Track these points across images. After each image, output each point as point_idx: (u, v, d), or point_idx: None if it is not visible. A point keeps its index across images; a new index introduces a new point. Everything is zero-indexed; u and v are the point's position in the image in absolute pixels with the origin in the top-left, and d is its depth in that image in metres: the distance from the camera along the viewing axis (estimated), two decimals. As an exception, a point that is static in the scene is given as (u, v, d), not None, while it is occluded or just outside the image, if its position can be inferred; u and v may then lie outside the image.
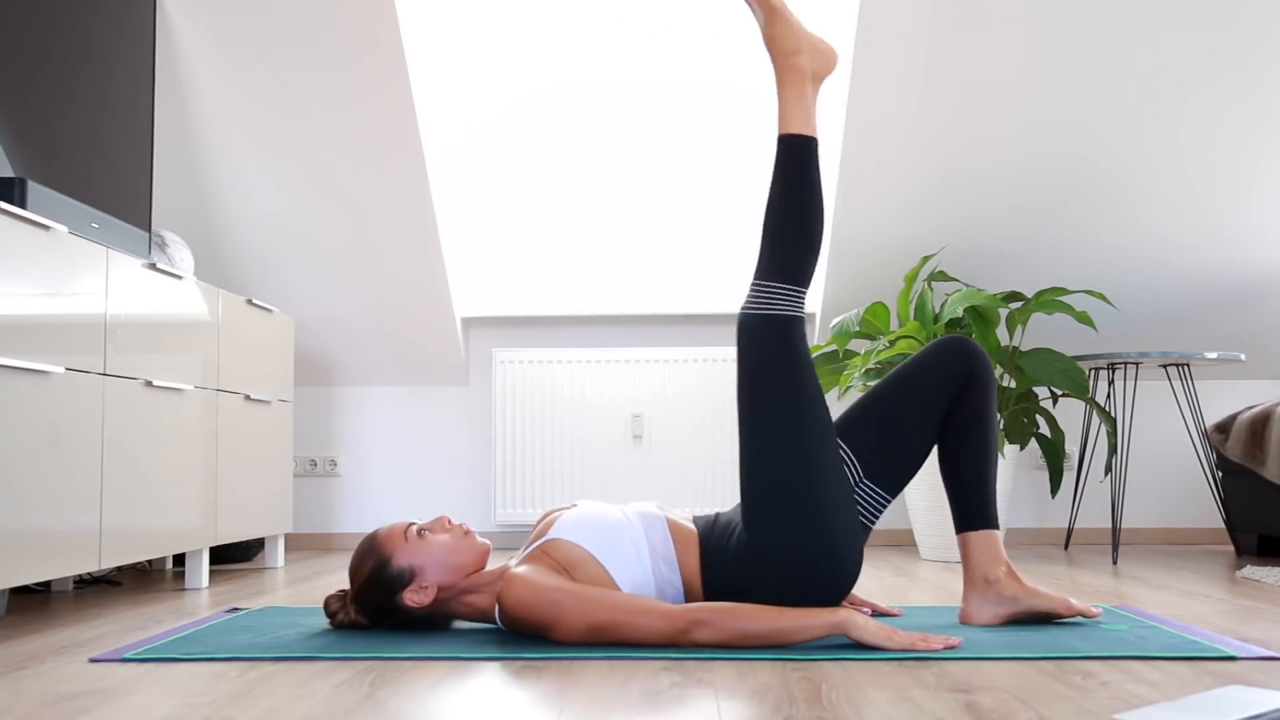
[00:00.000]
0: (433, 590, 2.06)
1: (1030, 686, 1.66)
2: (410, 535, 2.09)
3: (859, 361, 3.71)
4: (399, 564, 2.07)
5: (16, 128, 2.50)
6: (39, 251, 2.33)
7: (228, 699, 1.62)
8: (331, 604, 2.18)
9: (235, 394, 3.31)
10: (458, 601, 2.09)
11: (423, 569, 2.06)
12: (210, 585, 3.18)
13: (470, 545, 2.10)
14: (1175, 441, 4.45)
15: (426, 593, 2.06)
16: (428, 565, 2.06)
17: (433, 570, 2.06)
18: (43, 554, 2.32)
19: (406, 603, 2.06)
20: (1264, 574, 3.07)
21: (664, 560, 2.07)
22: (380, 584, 2.08)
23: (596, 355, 4.26)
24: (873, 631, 1.89)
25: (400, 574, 2.06)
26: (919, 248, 4.12)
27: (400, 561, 2.07)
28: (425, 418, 4.43)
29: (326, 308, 4.28)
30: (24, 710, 1.57)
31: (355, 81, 3.72)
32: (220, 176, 3.99)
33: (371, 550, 2.10)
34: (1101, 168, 3.89)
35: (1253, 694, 1.48)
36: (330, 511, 4.45)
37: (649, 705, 1.55)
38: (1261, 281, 4.20)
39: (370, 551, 2.10)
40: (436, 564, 2.06)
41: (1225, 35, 3.55)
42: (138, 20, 3.06)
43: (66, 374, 2.41)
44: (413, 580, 2.06)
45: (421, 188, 3.95)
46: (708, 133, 4.22)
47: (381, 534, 2.11)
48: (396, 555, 2.07)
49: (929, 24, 3.55)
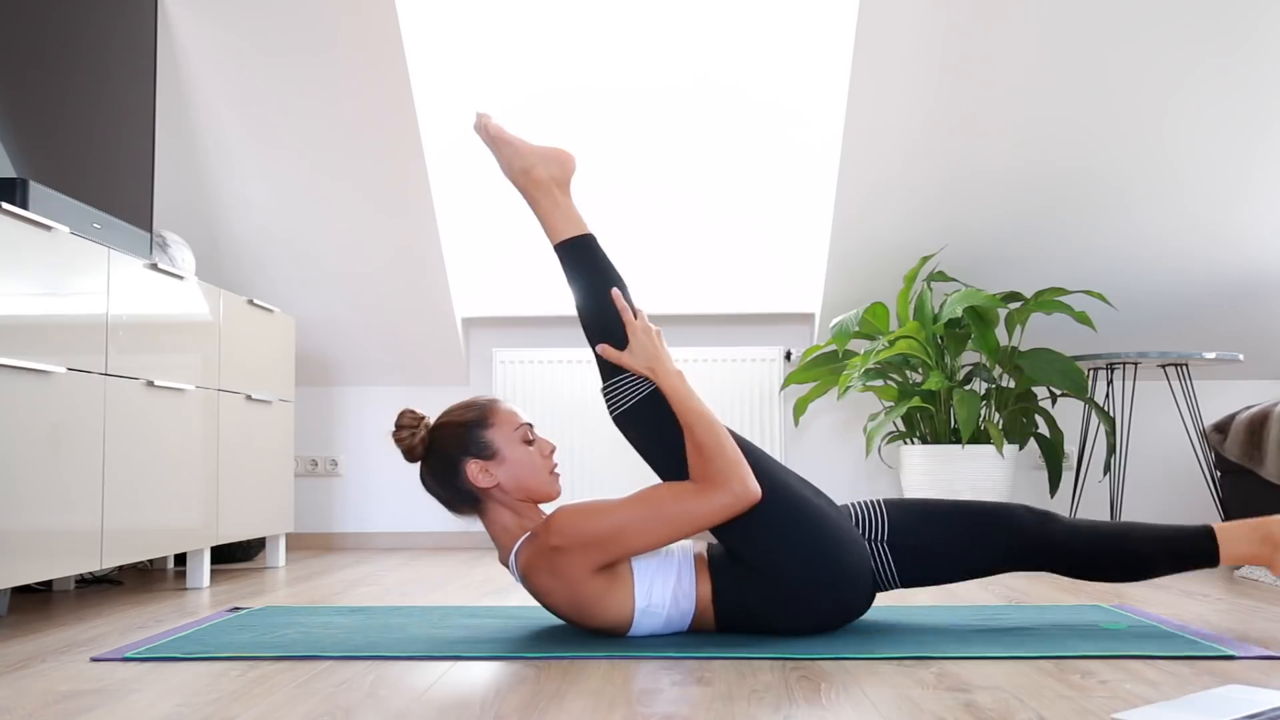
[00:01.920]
0: (494, 481, 2.05)
1: (1029, 686, 1.66)
2: (520, 430, 2.09)
3: (858, 362, 3.71)
4: (492, 437, 2.07)
5: (17, 128, 2.50)
6: (40, 252, 2.33)
7: (228, 698, 1.63)
8: (406, 417, 2.11)
9: (236, 394, 3.32)
10: (498, 507, 2.08)
11: (505, 460, 2.06)
12: (211, 585, 3.19)
13: (549, 481, 2.10)
14: (1174, 441, 4.45)
15: (489, 478, 2.05)
16: (510, 461, 2.06)
17: (509, 469, 2.06)
18: (44, 553, 2.32)
19: (467, 470, 2.05)
20: (1262, 573, 3.08)
21: (684, 595, 2.07)
22: (464, 438, 2.07)
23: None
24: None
25: (486, 445, 2.06)
26: (918, 248, 4.13)
27: (495, 437, 2.07)
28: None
29: (327, 308, 4.28)
30: (25, 709, 1.57)
31: (356, 81, 3.73)
32: (221, 177, 4.00)
33: (481, 408, 2.10)
34: (1099, 169, 3.89)
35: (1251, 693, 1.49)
36: (331, 511, 4.45)
37: (649, 705, 1.55)
38: (1259, 281, 4.20)
39: (480, 408, 2.10)
40: (516, 468, 2.07)
41: (1218, 38, 3.56)
42: (139, 20, 3.06)
43: (68, 374, 2.42)
44: (490, 459, 2.06)
45: (422, 188, 3.95)
46: (707, 133, 4.22)
47: (500, 405, 2.12)
48: (497, 430, 2.08)
49: (928, 26, 3.56)
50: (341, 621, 2.35)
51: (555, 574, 1.99)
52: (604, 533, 1.96)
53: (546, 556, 1.99)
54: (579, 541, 1.96)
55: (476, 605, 2.61)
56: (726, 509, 1.99)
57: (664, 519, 1.98)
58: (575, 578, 1.99)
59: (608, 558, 1.98)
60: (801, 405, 3.90)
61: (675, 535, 2.00)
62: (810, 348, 3.99)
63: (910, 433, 3.86)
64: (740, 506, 2.00)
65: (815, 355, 3.96)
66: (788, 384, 4.05)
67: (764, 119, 4.19)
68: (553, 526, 1.98)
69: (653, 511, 1.98)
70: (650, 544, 1.99)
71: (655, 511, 1.98)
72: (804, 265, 4.37)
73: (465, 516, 2.14)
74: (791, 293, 4.42)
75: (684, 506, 1.99)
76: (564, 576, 1.99)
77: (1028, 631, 2.13)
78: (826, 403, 4.40)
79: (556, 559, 1.98)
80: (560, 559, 1.98)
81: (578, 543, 1.96)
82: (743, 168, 4.27)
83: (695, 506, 1.99)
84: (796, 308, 4.41)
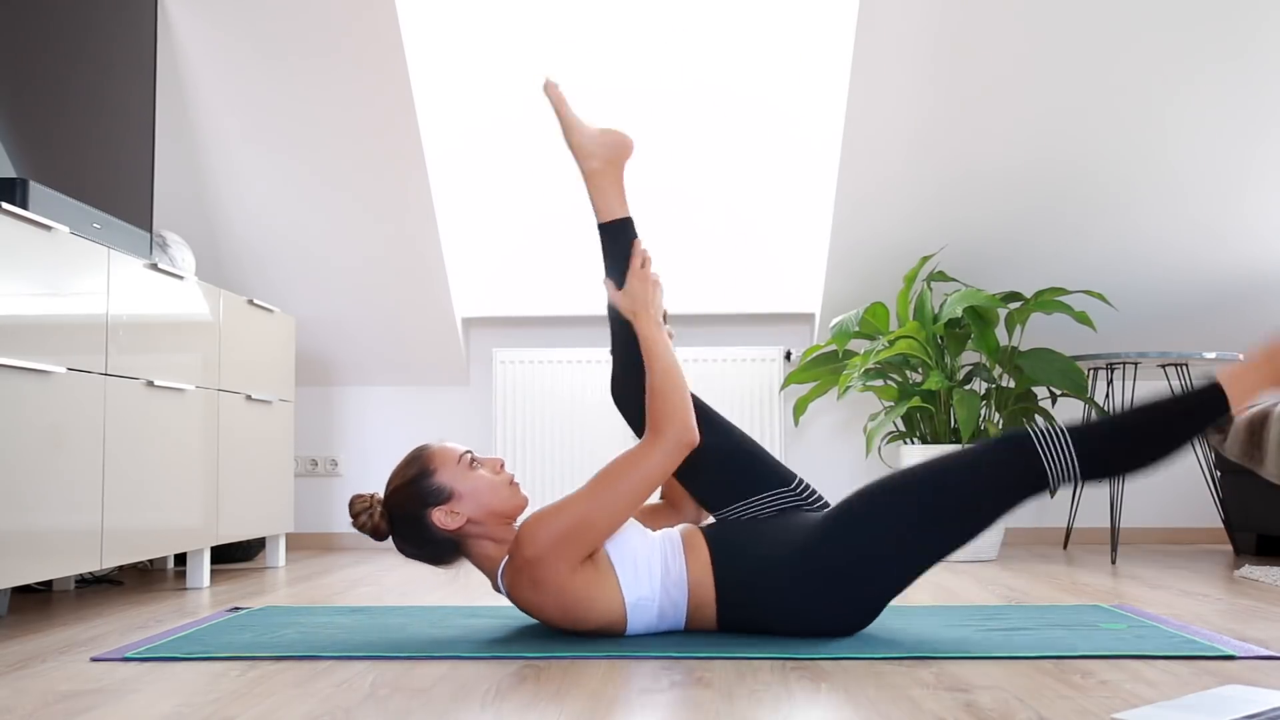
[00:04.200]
0: (462, 519, 2.05)
1: (1029, 686, 1.66)
2: (463, 460, 2.09)
3: (858, 361, 3.72)
4: (441, 481, 2.06)
5: (17, 128, 2.50)
6: (40, 252, 2.33)
7: (228, 698, 1.63)
8: (358, 504, 2.11)
9: (236, 394, 3.32)
10: (476, 541, 2.08)
11: (461, 495, 2.06)
12: (211, 585, 3.19)
13: (512, 494, 2.10)
14: (1174, 441, 4.45)
15: (456, 518, 2.05)
16: (467, 494, 2.06)
17: (470, 501, 2.06)
18: (44, 553, 2.32)
19: (433, 520, 2.05)
20: (1262, 573, 3.08)
21: (674, 584, 2.07)
22: (417, 493, 2.06)
23: (596, 355, 4.27)
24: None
25: (440, 490, 2.06)
26: (918, 248, 4.13)
27: (444, 479, 2.06)
28: (425, 418, 4.43)
29: (327, 308, 4.28)
30: (25, 709, 1.57)
31: (356, 81, 3.73)
32: (221, 176, 4.00)
33: (420, 460, 2.09)
34: (1099, 169, 3.89)
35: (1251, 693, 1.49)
36: (331, 511, 4.45)
37: (649, 705, 1.55)
38: (1259, 281, 4.20)
39: (418, 460, 2.09)
40: (476, 496, 2.06)
41: (1218, 40, 3.56)
42: (139, 20, 3.06)
43: (68, 374, 2.42)
44: (449, 501, 2.05)
45: (422, 187, 3.95)
46: (707, 133, 4.22)
47: (435, 448, 2.11)
48: (442, 472, 2.07)
49: (927, 27, 3.56)
50: (341, 621, 2.35)
51: (537, 585, 1.99)
52: (569, 526, 1.97)
53: (525, 571, 1.99)
54: (549, 543, 1.97)
55: (476, 605, 2.62)
56: (668, 456, 2.04)
57: (620, 489, 2.01)
58: (558, 583, 1.99)
59: (583, 549, 1.99)
60: (801, 405, 3.91)
61: (635, 500, 2.02)
62: (810, 348, 3.99)
63: (910, 433, 3.86)
64: (681, 452, 2.05)
65: (815, 355, 3.96)
66: (788, 384, 4.05)
67: (764, 119, 4.18)
68: (522, 540, 1.98)
69: (607, 487, 2.01)
70: (616, 519, 2.01)
71: (609, 486, 2.01)
72: (804, 265, 4.37)
73: (453, 566, 2.15)
74: (791, 293, 4.42)
75: (634, 469, 2.02)
76: (547, 585, 1.99)
77: (1028, 631, 2.13)
78: (826, 403, 4.40)
79: (535, 570, 1.98)
80: (538, 569, 1.98)
81: (548, 545, 1.97)
82: (743, 168, 4.26)
83: (644, 464, 2.03)
84: (796, 308, 4.41)
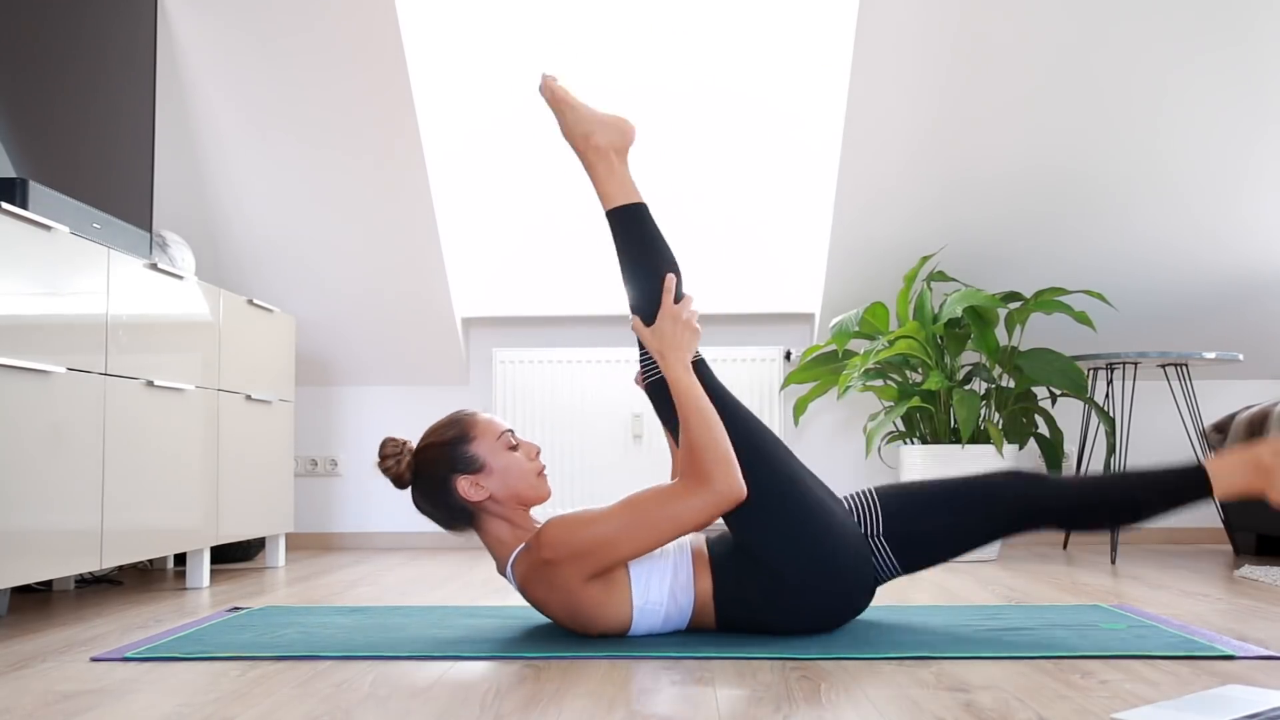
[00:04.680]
0: (486, 494, 2.06)
1: (1029, 685, 1.66)
2: (503, 438, 2.10)
3: (858, 361, 3.71)
4: (477, 451, 2.07)
5: (17, 128, 2.50)
6: (40, 251, 2.33)
7: (228, 698, 1.63)
8: (389, 446, 2.12)
9: (236, 394, 3.32)
10: (492, 519, 2.09)
11: (492, 471, 2.07)
12: (211, 584, 3.18)
13: (539, 484, 2.11)
14: (1173, 441, 4.45)
15: (480, 491, 2.06)
16: (498, 471, 2.07)
17: (498, 479, 2.07)
18: (44, 553, 2.32)
19: (457, 487, 2.06)
20: (1262, 573, 3.08)
21: (682, 589, 2.08)
22: (449, 456, 2.07)
23: (596, 355, 4.27)
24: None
25: (472, 460, 2.07)
26: (918, 248, 4.12)
27: (479, 450, 2.07)
28: (425, 418, 4.43)
29: (327, 308, 4.28)
30: (25, 709, 1.57)
31: (356, 81, 3.73)
32: (221, 176, 4.00)
33: (461, 424, 2.10)
34: (1099, 170, 3.89)
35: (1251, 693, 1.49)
36: (331, 511, 4.45)
37: (649, 705, 1.55)
38: (1259, 281, 4.20)
39: (459, 424, 2.10)
40: (505, 476, 2.07)
41: (1216, 41, 3.56)
42: (139, 20, 3.06)
43: (68, 374, 2.42)
44: (478, 473, 2.06)
45: (422, 188, 3.95)
46: (707, 134, 4.22)
47: (480, 418, 2.12)
48: (480, 442, 2.08)
49: (928, 28, 3.56)
50: (341, 621, 2.35)
51: (550, 585, 2.00)
52: (593, 542, 1.96)
53: (540, 569, 2.00)
54: (569, 553, 1.97)
55: (476, 605, 2.61)
56: (711, 507, 1.99)
57: (651, 524, 1.97)
58: (570, 588, 1.99)
59: (599, 567, 1.98)
60: (801, 405, 3.90)
61: (664, 539, 1.99)
62: (810, 347, 3.99)
63: (910, 433, 3.86)
64: (725, 506, 2.00)
65: (815, 355, 3.96)
66: (788, 384, 4.05)
67: (764, 120, 4.18)
68: (543, 540, 1.98)
69: (640, 517, 1.98)
70: (639, 550, 1.99)
71: (642, 517, 1.98)
72: (804, 265, 4.37)
73: (462, 533, 2.14)
74: (791, 293, 4.42)
75: (669, 509, 1.98)
76: (559, 587, 1.99)
77: (1028, 631, 2.13)
78: (826, 403, 4.40)
79: (549, 571, 1.99)
80: (553, 571, 1.98)
81: (568, 554, 1.97)
82: (743, 168, 4.26)
83: (681, 508, 1.98)
84: (796, 308, 4.41)
